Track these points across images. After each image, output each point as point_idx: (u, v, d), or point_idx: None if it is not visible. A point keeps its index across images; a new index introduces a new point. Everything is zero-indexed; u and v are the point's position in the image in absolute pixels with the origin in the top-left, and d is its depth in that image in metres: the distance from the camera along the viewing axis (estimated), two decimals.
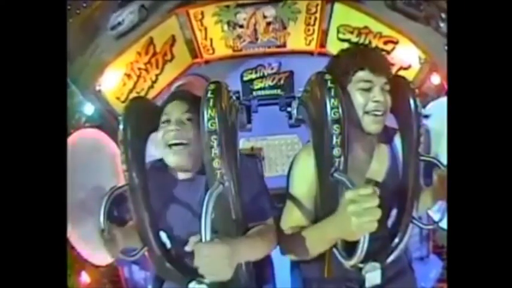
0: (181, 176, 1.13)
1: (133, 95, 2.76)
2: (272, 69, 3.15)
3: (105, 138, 1.90)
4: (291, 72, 3.10)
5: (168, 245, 1.12)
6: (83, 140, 1.83)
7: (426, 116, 1.43)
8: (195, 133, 1.04)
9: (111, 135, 1.81)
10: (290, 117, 2.67)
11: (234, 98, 1.05)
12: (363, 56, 1.04)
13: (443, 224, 1.04)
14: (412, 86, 1.09)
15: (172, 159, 1.07)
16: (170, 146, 1.06)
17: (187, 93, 1.17)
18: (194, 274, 1.04)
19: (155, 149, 1.13)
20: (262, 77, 3.15)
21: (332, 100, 0.93)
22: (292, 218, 1.06)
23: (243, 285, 1.03)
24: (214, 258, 0.76)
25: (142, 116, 1.09)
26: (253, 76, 3.16)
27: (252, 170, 1.12)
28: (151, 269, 1.22)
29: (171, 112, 1.09)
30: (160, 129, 1.09)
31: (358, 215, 0.76)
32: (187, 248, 0.76)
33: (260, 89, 3.15)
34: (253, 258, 1.01)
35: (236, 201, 0.97)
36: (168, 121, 1.09)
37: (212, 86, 0.95)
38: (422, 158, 1.08)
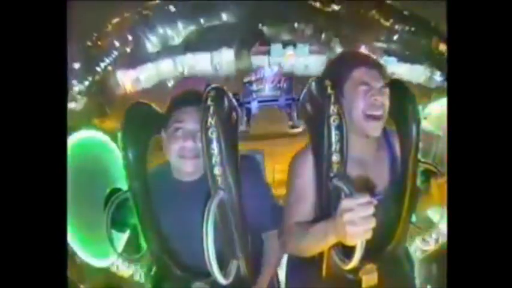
0: (185, 178, 1.12)
1: None
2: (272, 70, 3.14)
3: (106, 140, 1.90)
4: (291, 74, 3.10)
5: (171, 246, 1.11)
6: (84, 141, 1.83)
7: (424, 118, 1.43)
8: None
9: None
10: (290, 119, 2.67)
11: (234, 101, 1.05)
12: (357, 60, 1.06)
13: (443, 226, 1.04)
14: (410, 90, 1.09)
15: (187, 170, 1.07)
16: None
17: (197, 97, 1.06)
18: (195, 275, 1.05)
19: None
20: (262, 78, 3.15)
21: (332, 107, 0.93)
22: (291, 218, 1.06)
23: (243, 285, 1.03)
24: None
25: (144, 121, 1.08)
26: (253, 78, 3.15)
27: (254, 172, 1.11)
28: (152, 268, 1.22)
29: (186, 121, 1.04)
30: (171, 139, 1.05)
31: (354, 224, 0.77)
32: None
33: (260, 90, 3.14)
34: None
35: (238, 205, 0.97)
36: (182, 130, 1.04)
37: (212, 93, 0.94)
38: (420, 163, 1.08)
